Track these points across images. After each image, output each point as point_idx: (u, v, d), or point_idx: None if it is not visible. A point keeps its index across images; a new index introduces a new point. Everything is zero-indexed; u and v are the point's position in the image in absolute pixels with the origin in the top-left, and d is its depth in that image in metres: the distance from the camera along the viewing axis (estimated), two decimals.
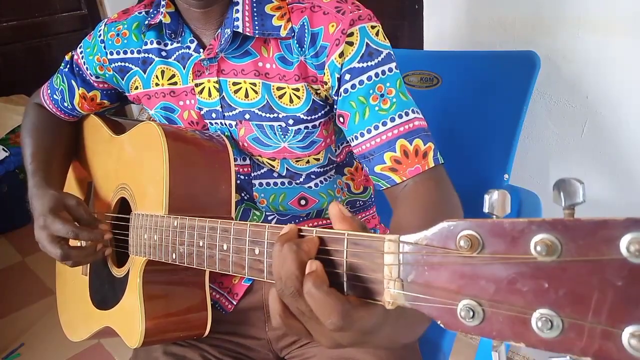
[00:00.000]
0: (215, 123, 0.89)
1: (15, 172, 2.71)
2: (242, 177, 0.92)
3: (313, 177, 0.94)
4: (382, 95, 0.77)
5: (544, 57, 1.25)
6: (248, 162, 0.92)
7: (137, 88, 0.95)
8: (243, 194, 0.94)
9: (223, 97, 0.87)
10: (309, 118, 0.85)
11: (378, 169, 0.78)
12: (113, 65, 0.95)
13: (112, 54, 0.94)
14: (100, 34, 0.96)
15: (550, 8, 1.27)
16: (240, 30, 0.81)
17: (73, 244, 0.89)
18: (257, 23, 0.82)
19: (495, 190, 0.35)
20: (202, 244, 0.66)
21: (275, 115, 0.85)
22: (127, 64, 0.94)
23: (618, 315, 0.29)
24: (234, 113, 0.87)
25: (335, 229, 0.48)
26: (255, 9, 0.82)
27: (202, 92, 0.88)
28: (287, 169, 0.92)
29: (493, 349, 0.34)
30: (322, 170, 0.94)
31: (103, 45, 0.95)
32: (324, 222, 1.00)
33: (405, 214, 0.73)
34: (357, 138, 0.79)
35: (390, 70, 0.79)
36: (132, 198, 0.89)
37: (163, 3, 0.86)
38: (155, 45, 0.91)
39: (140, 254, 0.82)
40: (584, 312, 0.30)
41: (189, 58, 0.88)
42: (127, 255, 0.88)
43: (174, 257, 0.73)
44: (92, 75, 0.99)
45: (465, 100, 1.32)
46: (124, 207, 0.93)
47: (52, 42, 3.21)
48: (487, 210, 0.35)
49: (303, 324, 0.49)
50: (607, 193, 1.31)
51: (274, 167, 0.92)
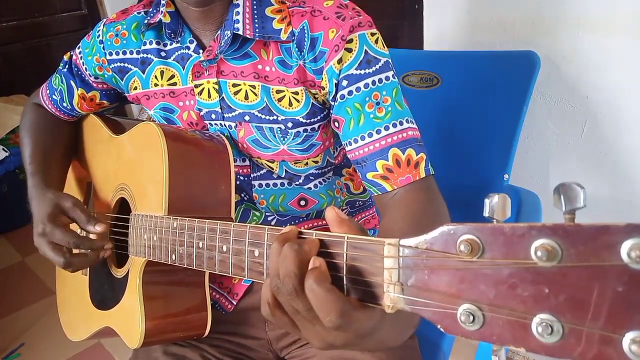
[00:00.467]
0: (215, 124, 0.89)
1: (15, 172, 2.71)
2: (241, 177, 0.92)
3: (312, 178, 0.94)
4: (377, 103, 0.78)
5: (544, 57, 1.25)
6: (247, 163, 0.92)
7: (136, 88, 0.95)
8: (243, 195, 0.94)
9: (223, 98, 0.87)
10: (308, 121, 0.85)
11: (370, 176, 0.79)
12: (112, 66, 0.95)
13: (111, 55, 0.94)
14: (99, 35, 0.95)
15: (550, 8, 1.27)
16: (241, 33, 0.81)
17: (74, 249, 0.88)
18: (257, 25, 0.81)
19: (496, 194, 0.35)
20: (201, 245, 0.66)
21: (275, 118, 0.85)
22: (126, 65, 0.94)
23: (619, 321, 0.29)
24: (234, 114, 0.87)
25: (334, 232, 0.48)
26: (256, 11, 0.82)
27: (201, 93, 0.87)
28: (285, 171, 0.92)
29: (493, 353, 0.34)
30: (320, 172, 0.95)
31: (102, 46, 0.94)
32: (324, 222, 1.00)
33: (396, 220, 0.73)
34: (351, 144, 0.80)
35: (387, 79, 0.79)
36: (131, 198, 0.89)
37: (163, 2, 0.86)
38: (155, 46, 0.90)
39: (140, 255, 0.82)
40: (585, 317, 0.30)
41: (189, 59, 0.88)
42: (126, 256, 0.88)
43: (174, 258, 0.73)
44: (91, 76, 0.99)
45: (465, 100, 1.32)
46: (124, 207, 0.93)
47: (52, 42, 3.21)
48: (487, 214, 0.35)
49: (294, 321, 0.49)
50: (606, 193, 1.31)
51: (273, 168, 0.92)
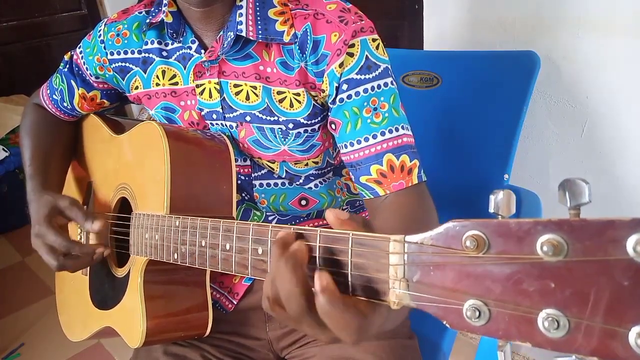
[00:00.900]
0: (216, 124, 0.89)
1: (15, 172, 2.71)
2: (242, 177, 0.92)
3: (312, 178, 0.95)
4: (375, 109, 0.79)
5: (544, 57, 1.25)
6: (248, 162, 0.92)
7: (137, 88, 0.95)
8: (244, 195, 0.94)
9: (224, 98, 0.87)
10: (309, 122, 0.85)
11: (363, 180, 0.80)
12: (113, 66, 0.95)
13: (112, 54, 0.94)
14: (100, 34, 0.95)
15: (550, 8, 1.27)
16: (244, 34, 0.81)
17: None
18: (260, 27, 0.82)
19: (501, 191, 0.35)
20: (204, 244, 0.66)
21: (276, 119, 0.85)
22: (127, 64, 0.94)
23: (625, 315, 0.29)
24: (235, 115, 0.87)
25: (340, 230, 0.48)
26: (259, 13, 0.82)
27: (202, 93, 0.87)
28: (286, 171, 0.92)
29: (498, 349, 0.34)
30: (320, 172, 0.95)
31: (103, 46, 0.94)
32: (325, 222, 1.00)
33: (387, 224, 0.74)
34: (346, 147, 0.81)
35: (386, 85, 0.80)
36: (132, 198, 0.89)
37: (165, 2, 0.86)
38: (156, 45, 0.90)
39: (142, 254, 0.82)
40: (591, 312, 0.30)
41: (190, 59, 0.88)
42: (127, 255, 0.88)
43: (176, 257, 0.73)
44: (91, 76, 0.99)
45: (465, 100, 1.32)
46: (125, 206, 0.93)
47: (52, 42, 3.21)
48: (492, 210, 0.35)
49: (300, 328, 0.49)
50: (607, 193, 1.31)
51: (274, 169, 0.92)
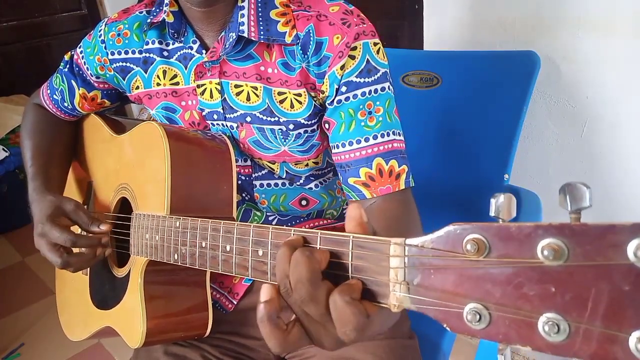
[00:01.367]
0: (217, 124, 0.89)
1: (15, 172, 2.71)
2: (243, 177, 0.92)
3: (312, 179, 0.95)
4: (370, 112, 0.80)
5: (544, 57, 1.25)
6: (249, 163, 0.92)
7: (138, 88, 0.95)
8: (244, 195, 0.94)
9: (225, 99, 0.87)
10: (309, 122, 0.86)
11: (351, 181, 0.81)
12: (114, 66, 0.95)
13: (113, 54, 0.94)
14: (101, 34, 0.95)
15: (550, 8, 1.27)
16: (246, 35, 0.81)
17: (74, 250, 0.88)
18: (262, 28, 0.82)
19: (501, 194, 0.35)
20: (204, 245, 0.66)
21: (276, 119, 0.85)
22: (128, 64, 0.94)
23: (625, 320, 0.29)
24: (236, 115, 0.87)
25: (346, 231, 0.47)
26: (261, 14, 0.82)
27: (203, 93, 0.88)
28: (286, 172, 0.92)
29: (499, 352, 0.34)
30: (320, 173, 0.95)
31: (104, 46, 0.94)
32: (325, 222, 1.00)
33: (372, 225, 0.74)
34: (338, 147, 0.82)
35: (383, 90, 0.81)
36: (133, 198, 0.89)
37: (166, 1, 0.86)
38: (157, 45, 0.90)
39: (142, 254, 0.82)
40: (591, 316, 0.30)
41: (191, 58, 0.88)
42: (127, 255, 0.88)
43: (176, 257, 0.73)
44: (92, 76, 0.99)
45: (465, 100, 1.32)
46: (125, 207, 0.93)
47: (52, 42, 3.21)
48: (493, 214, 0.35)
49: (304, 327, 0.49)
50: (606, 193, 1.31)
51: (274, 169, 0.92)
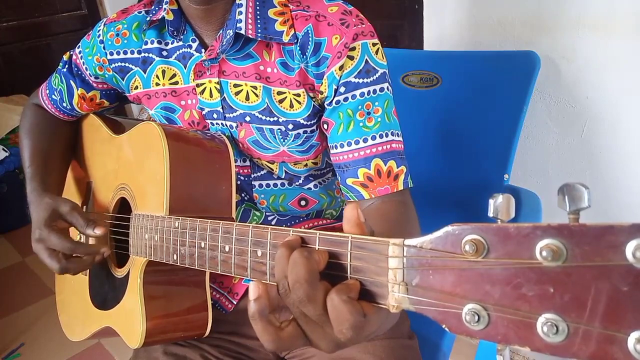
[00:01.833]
0: (217, 124, 0.89)
1: (15, 172, 2.71)
2: (242, 178, 0.92)
3: (311, 179, 0.95)
4: (368, 113, 0.80)
5: (544, 57, 1.25)
6: (248, 163, 0.92)
7: (137, 88, 0.95)
8: (243, 195, 0.94)
9: (224, 98, 0.87)
10: (309, 123, 0.85)
11: (350, 182, 0.81)
12: (113, 66, 0.95)
13: (111, 54, 0.94)
14: (99, 34, 0.95)
15: (550, 8, 1.27)
16: (243, 32, 0.81)
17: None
18: (259, 26, 0.82)
19: (500, 195, 0.35)
20: (203, 245, 0.66)
21: (275, 119, 0.85)
22: (127, 64, 0.94)
23: (624, 321, 0.29)
24: (235, 115, 0.87)
25: (344, 232, 0.47)
26: (258, 12, 0.82)
27: (203, 92, 0.87)
28: (285, 172, 0.92)
29: (498, 353, 0.34)
30: (319, 173, 0.95)
31: (102, 46, 0.94)
32: (324, 222, 1.00)
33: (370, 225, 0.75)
34: (336, 147, 0.82)
35: (382, 90, 0.81)
36: (132, 198, 0.88)
37: (166, 0, 0.86)
38: (156, 45, 0.90)
39: (141, 255, 0.82)
40: (590, 317, 0.30)
41: (190, 58, 0.88)
42: (127, 256, 0.88)
43: (175, 258, 0.73)
44: (91, 76, 0.99)
45: (465, 100, 1.32)
46: (124, 207, 0.93)
47: (52, 42, 3.22)
48: (491, 215, 0.35)
49: (302, 328, 0.49)
50: (606, 193, 1.31)
51: (273, 169, 0.92)
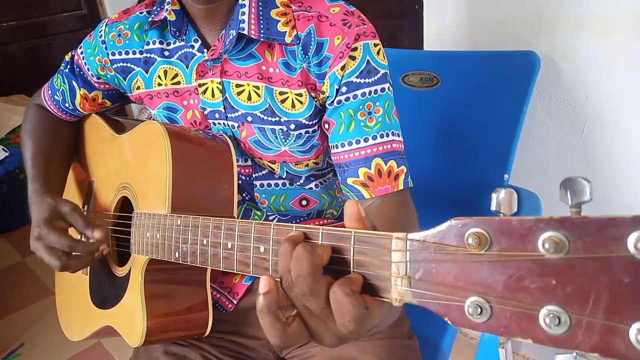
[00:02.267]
0: (219, 123, 0.90)
1: (15, 172, 2.71)
2: (243, 178, 0.93)
3: (312, 179, 0.95)
4: (369, 113, 0.80)
5: (544, 57, 1.26)
6: (249, 163, 0.92)
7: (139, 88, 0.95)
8: (244, 195, 0.94)
9: (226, 98, 0.87)
10: (311, 123, 0.86)
11: (350, 181, 0.81)
12: (115, 66, 0.95)
13: (113, 55, 0.94)
14: (101, 35, 0.95)
15: (550, 8, 1.27)
16: (246, 32, 0.81)
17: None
18: (262, 26, 0.82)
19: (502, 189, 0.35)
20: (205, 243, 0.66)
21: (277, 119, 0.86)
22: (129, 65, 0.94)
23: (625, 312, 0.29)
24: (237, 115, 0.87)
25: (346, 227, 0.48)
26: (261, 13, 0.83)
27: (205, 92, 0.88)
28: (286, 172, 0.92)
29: (500, 346, 0.34)
30: (320, 173, 0.96)
31: (104, 46, 0.94)
32: (325, 221, 1.01)
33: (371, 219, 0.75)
34: (337, 147, 0.82)
35: (383, 91, 0.81)
36: (134, 197, 0.89)
37: (168, 0, 0.86)
38: (158, 45, 0.90)
39: (143, 253, 0.82)
40: (592, 308, 0.30)
41: (192, 57, 0.88)
42: (127, 254, 0.88)
43: (177, 255, 0.73)
44: (93, 76, 0.99)
45: (465, 100, 1.33)
46: (126, 206, 0.93)
47: (52, 42, 3.22)
48: (494, 208, 0.35)
49: (305, 323, 0.49)
50: (606, 193, 1.31)
51: (274, 169, 0.92)
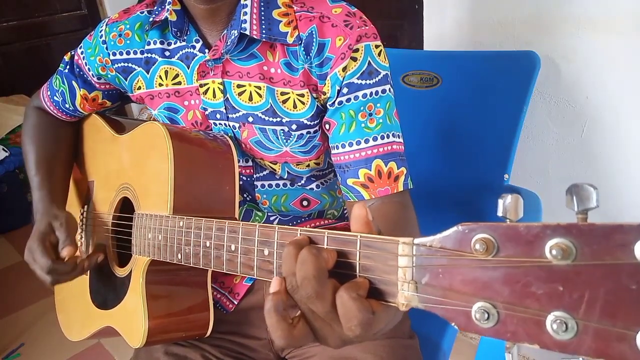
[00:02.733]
0: (220, 124, 0.90)
1: (15, 172, 2.70)
2: (244, 178, 0.93)
3: (313, 179, 0.95)
4: (370, 114, 0.80)
5: (544, 57, 1.26)
6: (250, 163, 0.92)
7: (140, 88, 0.95)
8: (245, 195, 0.94)
9: (227, 98, 0.87)
10: (312, 123, 0.86)
11: (350, 182, 0.81)
12: (116, 66, 0.95)
13: (114, 55, 0.94)
14: (102, 35, 0.95)
15: (550, 8, 1.27)
16: (248, 33, 0.81)
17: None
18: (264, 27, 0.82)
19: (509, 195, 0.35)
20: (208, 245, 0.66)
21: (279, 120, 0.86)
22: (130, 65, 0.94)
23: (632, 318, 0.30)
24: (238, 115, 0.87)
25: (352, 231, 0.48)
26: (263, 13, 0.83)
27: (206, 92, 0.88)
28: (288, 172, 0.92)
29: (506, 350, 0.35)
30: (321, 174, 0.96)
31: (105, 46, 0.94)
32: (326, 222, 1.01)
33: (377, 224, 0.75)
34: (337, 148, 0.82)
35: (384, 92, 0.81)
36: (135, 198, 0.89)
37: (169, 0, 0.86)
38: (159, 45, 0.90)
39: (144, 254, 0.82)
40: (599, 315, 0.30)
41: (194, 58, 0.88)
42: (128, 255, 0.88)
43: (179, 257, 0.73)
44: (94, 77, 0.99)
45: (465, 100, 1.33)
46: (126, 206, 0.93)
47: (52, 42, 3.22)
48: (500, 214, 0.36)
49: (309, 325, 0.49)
50: (606, 193, 1.31)
51: (276, 170, 0.92)
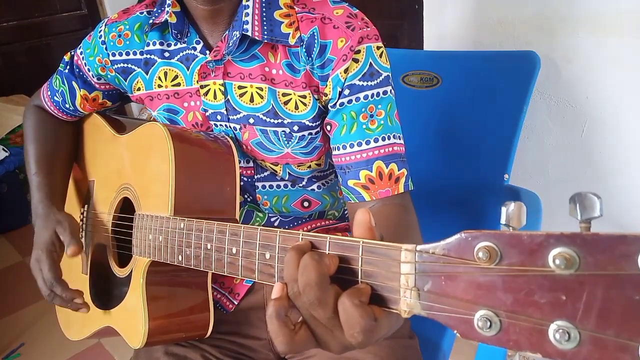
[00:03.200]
0: (220, 125, 0.89)
1: (15, 172, 2.69)
2: (245, 179, 0.93)
3: (314, 180, 0.95)
4: (371, 116, 0.81)
5: (544, 57, 1.26)
6: (251, 164, 0.92)
7: (139, 89, 0.95)
8: (246, 196, 0.94)
9: (228, 100, 0.87)
10: (314, 124, 0.86)
11: (351, 183, 0.81)
12: (115, 67, 0.94)
13: (114, 55, 0.94)
14: (101, 35, 0.95)
15: (550, 8, 1.27)
16: (250, 34, 0.81)
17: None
18: (266, 28, 0.82)
19: (512, 202, 0.35)
20: (209, 247, 0.66)
21: (280, 121, 0.85)
22: (129, 65, 0.93)
23: (635, 329, 0.30)
24: (239, 117, 0.87)
25: (354, 236, 0.48)
26: (265, 14, 0.83)
27: (207, 94, 0.87)
28: (289, 173, 0.92)
29: (508, 358, 0.34)
30: (322, 175, 0.96)
31: (104, 47, 0.94)
32: (327, 222, 1.01)
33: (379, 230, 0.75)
34: (338, 149, 0.82)
35: (385, 93, 0.81)
36: (135, 198, 0.89)
37: (169, 2, 0.86)
38: (158, 47, 0.90)
39: (145, 255, 0.82)
40: (602, 325, 0.31)
41: (194, 59, 0.88)
42: (128, 256, 0.88)
43: (180, 259, 0.73)
44: (93, 77, 0.99)
45: (465, 100, 1.33)
46: (126, 207, 0.93)
47: (52, 42, 3.22)
48: (503, 222, 0.36)
49: (311, 330, 0.49)
50: (606, 193, 1.32)
51: (277, 171, 0.92)
